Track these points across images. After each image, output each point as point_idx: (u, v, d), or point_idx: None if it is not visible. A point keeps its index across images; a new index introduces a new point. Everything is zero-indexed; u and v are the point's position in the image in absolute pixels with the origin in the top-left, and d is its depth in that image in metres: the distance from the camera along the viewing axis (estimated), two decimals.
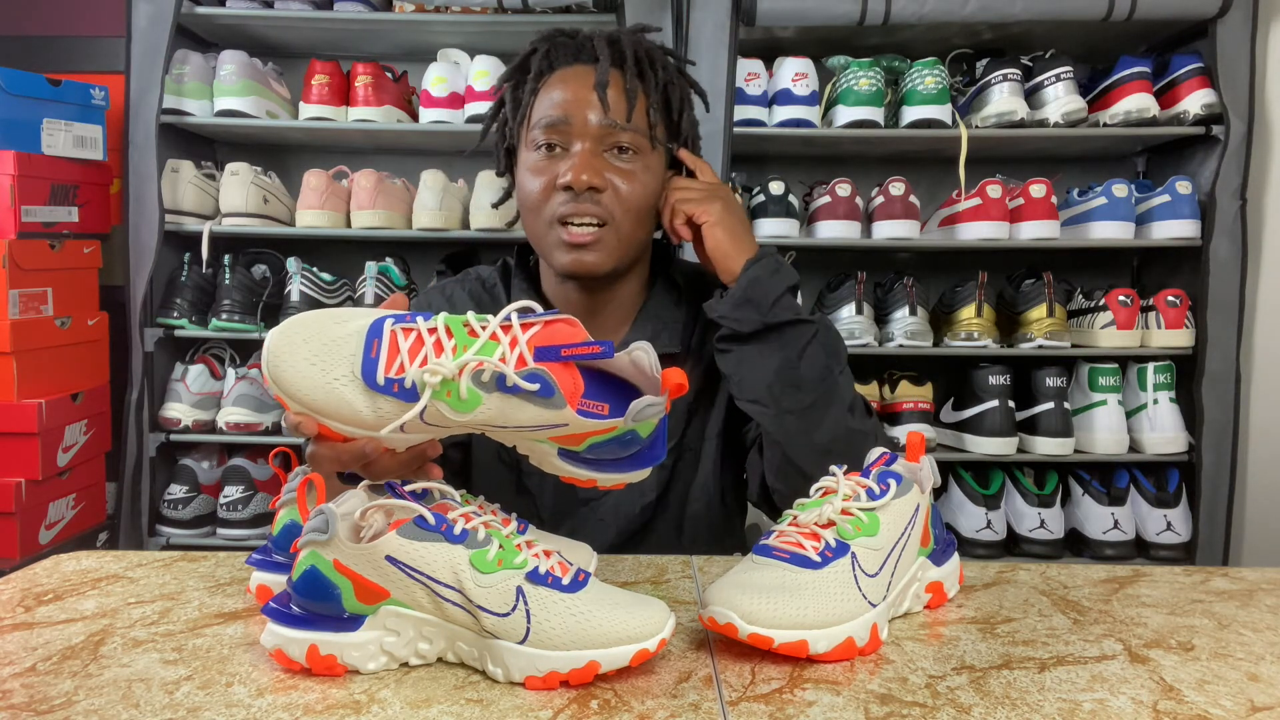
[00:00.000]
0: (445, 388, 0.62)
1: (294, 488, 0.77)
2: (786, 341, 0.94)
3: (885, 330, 2.11)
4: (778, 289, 0.94)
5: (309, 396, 0.63)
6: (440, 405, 0.63)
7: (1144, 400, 2.07)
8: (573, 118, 0.97)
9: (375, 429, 0.64)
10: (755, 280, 0.94)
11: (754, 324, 0.94)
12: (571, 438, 0.67)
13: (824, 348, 0.96)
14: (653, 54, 1.02)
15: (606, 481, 0.70)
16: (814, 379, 0.94)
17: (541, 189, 0.98)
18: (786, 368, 0.94)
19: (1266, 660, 0.68)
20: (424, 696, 0.60)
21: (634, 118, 0.98)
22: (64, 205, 2.05)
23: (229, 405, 2.12)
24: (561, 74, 1.00)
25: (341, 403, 0.63)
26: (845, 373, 0.98)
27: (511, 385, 0.62)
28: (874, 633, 0.68)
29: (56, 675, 0.63)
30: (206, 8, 2.09)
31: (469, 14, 2.07)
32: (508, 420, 0.64)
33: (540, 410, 0.63)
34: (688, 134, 1.06)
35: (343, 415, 0.64)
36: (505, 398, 0.63)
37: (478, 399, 0.62)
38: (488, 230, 2.09)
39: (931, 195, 2.28)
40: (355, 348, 0.63)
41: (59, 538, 2.05)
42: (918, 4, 1.95)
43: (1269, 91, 2.06)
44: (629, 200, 0.98)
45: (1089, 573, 0.88)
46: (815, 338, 0.95)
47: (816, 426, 0.94)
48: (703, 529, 1.08)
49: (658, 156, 1.02)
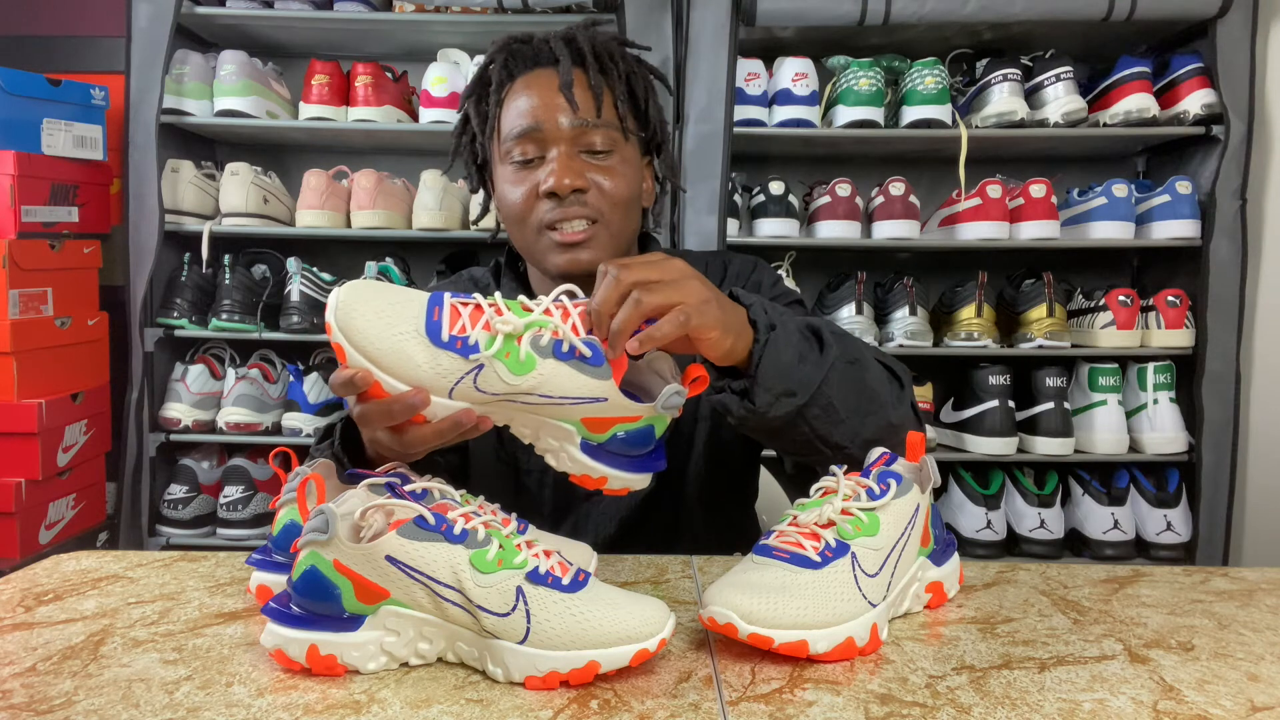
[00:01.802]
0: (506, 347, 0.66)
1: (294, 488, 0.77)
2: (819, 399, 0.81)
3: (885, 330, 2.11)
4: (795, 352, 0.79)
5: (371, 346, 0.66)
6: (498, 365, 0.66)
7: (1144, 400, 2.07)
8: (543, 123, 0.96)
9: (429, 386, 0.67)
10: (783, 368, 0.78)
11: (791, 408, 0.80)
12: (601, 422, 0.70)
13: (845, 365, 0.83)
14: (609, 47, 1.02)
15: (615, 482, 0.72)
16: (848, 403, 0.83)
17: (524, 199, 0.98)
18: (825, 417, 0.82)
19: (1266, 660, 0.68)
20: (424, 696, 0.60)
21: (604, 113, 0.98)
22: (64, 205, 2.05)
23: (229, 405, 2.12)
24: (524, 80, 1.00)
25: (404, 355, 0.66)
26: (868, 365, 0.86)
27: (568, 350, 0.67)
28: (874, 633, 0.68)
29: (56, 675, 0.63)
30: (206, 8, 2.09)
31: (469, 14, 2.07)
32: (554, 389, 0.68)
33: (588, 380, 0.68)
34: (656, 119, 1.05)
35: (401, 368, 0.66)
36: (559, 364, 0.67)
37: (533, 362, 0.67)
38: (488, 230, 2.09)
39: (931, 195, 2.28)
40: (418, 311, 0.67)
41: (59, 538, 2.05)
42: (918, 4, 1.95)
43: (1269, 91, 2.06)
44: (614, 195, 0.98)
45: (1089, 573, 0.88)
46: (835, 365, 0.82)
47: (858, 433, 0.85)
48: (700, 513, 1.08)
49: (632, 147, 1.02)
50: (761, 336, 0.77)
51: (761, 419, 0.79)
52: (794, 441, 0.84)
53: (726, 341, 0.75)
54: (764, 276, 1.12)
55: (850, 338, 0.88)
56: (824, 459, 0.85)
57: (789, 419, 0.80)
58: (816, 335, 0.83)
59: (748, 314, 0.79)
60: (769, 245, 2.11)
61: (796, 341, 0.80)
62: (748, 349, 0.78)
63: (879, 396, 0.86)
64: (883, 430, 0.86)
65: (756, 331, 0.78)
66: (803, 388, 0.79)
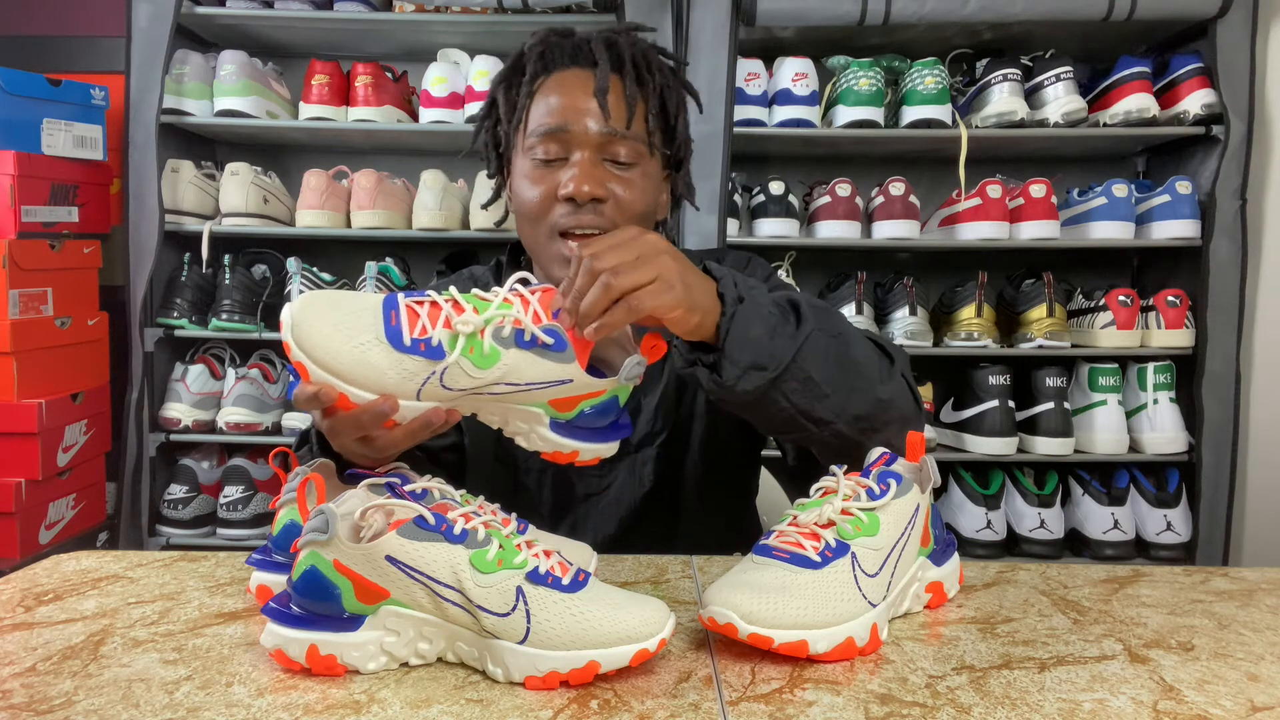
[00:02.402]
0: (469, 343, 0.67)
1: (294, 488, 0.77)
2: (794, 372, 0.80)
3: (885, 330, 2.11)
4: (766, 326, 0.78)
5: (334, 360, 0.65)
6: (464, 362, 0.67)
7: (1144, 400, 2.07)
8: (572, 125, 0.96)
9: (396, 392, 0.67)
10: (752, 341, 0.77)
11: (761, 381, 0.78)
12: (567, 401, 0.71)
13: (827, 340, 0.82)
14: (649, 56, 1.01)
15: (587, 454, 0.74)
16: (830, 376, 0.82)
17: (541, 199, 0.97)
18: (805, 391, 0.81)
19: (1266, 660, 0.68)
20: (424, 696, 0.60)
21: (634, 125, 0.97)
22: (64, 205, 2.05)
23: (229, 405, 2.12)
24: (558, 78, 0.99)
25: (367, 365, 0.66)
26: (852, 340, 0.85)
27: (530, 339, 0.68)
28: (874, 633, 0.68)
29: (56, 675, 0.63)
30: (206, 8, 2.09)
31: (469, 14, 2.07)
32: (520, 376, 0.69)
33: (552, 365, 0.69)
34: (682, 136, 1.05)
35: (366, 378, 0.66)
36: (522, 353, 0.68)
37: (497, 355, 0.67)
38: (488, 230, 2.09)
39: (931, 195, 2.28)
40: (375, 319, 0.67)
41: (59, 538, 2.05)
42: (918, 4, 1.95)
43: (1269, 91, 2.06)
44: (630, 208, 0.97)
45: (1089, 573, 0.88)
46: (811, 336, 0.80)
47: (844, 409, 0.83)
48: (699, 511, 1.08)
49: (655, 162, 1.02)
50: (729, 310, 0.76)
51: (730, 392, 0.78)
52: (775, 418, 0.82)
53: (693, 319, 0.74)
54: (758, 270, 1.11)
55: (835, 313, 0.86)
56: (815, 438, 0.84)
57: (761, 392, 0.79)
58: (795, 309, 0.82)
59: (717, 287, 0.78)
60: (769, 245, 2.11)
61: (767, 315, 0.78)
62: (716, 322, 0.77)
63: (864, 371, 0.84)
64: (873, 406, 0.84)
65: (724, 305, 0.77)
66: (773, 361, 0.78)
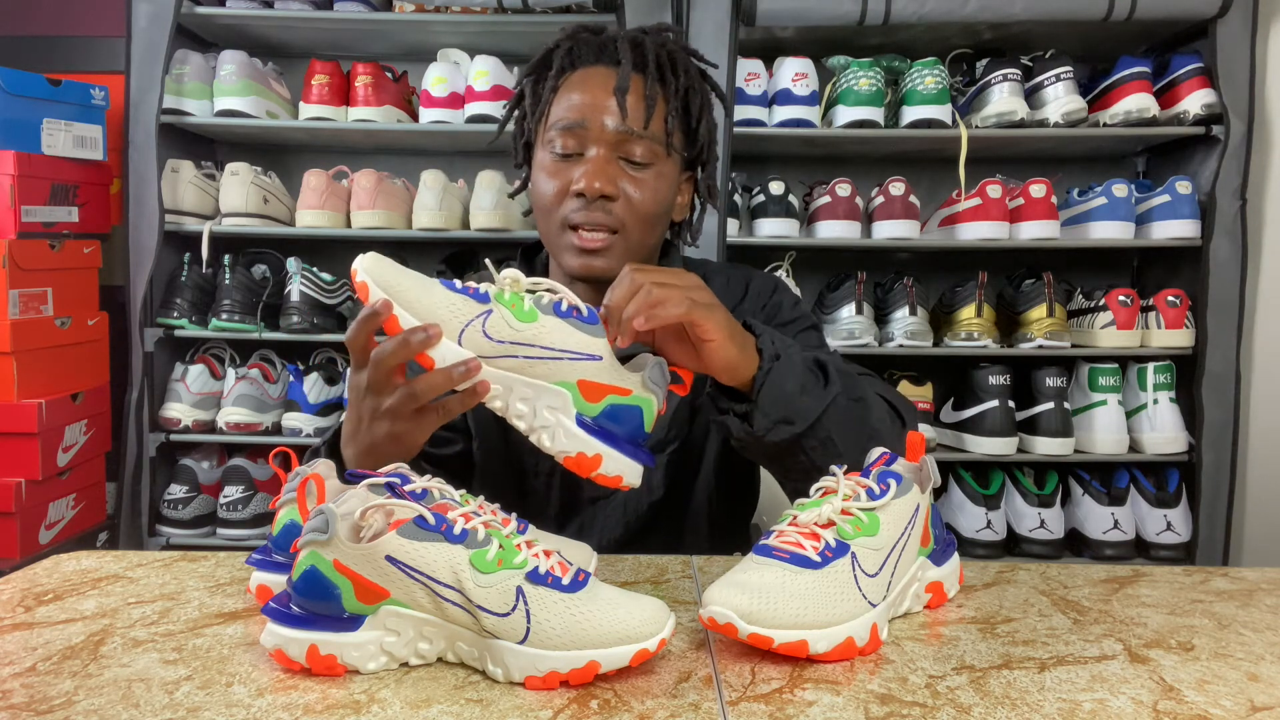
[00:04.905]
0: (513, 299, 0.74)
1: (294, 488, 0.77)
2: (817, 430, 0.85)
3: (885, 330, 2.11)
4: (797, 383, 0.83)
5: (397, 282, 0.73)
6: (505, 312, 0.74)
7: (1144, 400, 2.07)
8: (589, 122, 0.96)
9: (444, 323, 0.73)
10: (784, 396, 0.82)
11: (788, 435, 0.83)
12: (595, 388, 0.75)
13: (848, 403, 0.86)
14: (675, 57, 1.01)
15: (609, 464, 0.75)
16: (847, 438, 0.86)
17: (555, 192, 0.98)
18: (824, 450, 0.85)
19: (1266, 660, 0.68)
20: (424, 696, 0.60)
21: (651, 125, 0.97)
22: (64, 205, 2.05)
23: (229, 405, 2.12)
24: (582, 74, 0.99)
25: (423, 289, 0.74)
26: (871, 405, 0.89)
27: (566, 309, 0.75)
28: (874, 633, 0.68)
29: (56, 675, 0.63)
30: (206, 8, 2.09)
31: (469, 14, 2.07)
32: (553, 341, 0.74)
33: (584, 337, 0.75)
34: (705, 139, 1.05)
35: (420, 302, 0.73)
36: (558, 320, 0.74)
37: (535, 314, 0.74)
38: (488, 230, 2.08)
39: (931, 195, 2.28)
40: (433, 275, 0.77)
41: (59, 538, 2.05)
42: (918, 4, 1.95)
43: (1269, 91, 2.06)
44: (640, 209, 0.97)
45: (1089, 573, 0.88)
46: (836, 400, 0.85)
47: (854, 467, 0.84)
48: (704, 524, 1.09)
49: (672, 164, 1.01)
50: (766, 364, 0.82)
51: (758, 442, 0.84)
52: (792, 469, 0.87)
53: (731, 350, 0.80)
54: (784, 297, 1.12)
55: (857, 377, 0.91)
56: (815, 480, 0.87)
57: (786, 446, 0.84)
58: (822, 370, 0.87)
59: (756, 342, 0.83)
60: (769, 245, 2.11)
61: (800, 373, 0.84)
62: (752, 373, 0.82)
63: (880, 436, 0.88)
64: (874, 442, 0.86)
65: (762, 359, 0.82)
66: (801, 417, 0.83)
